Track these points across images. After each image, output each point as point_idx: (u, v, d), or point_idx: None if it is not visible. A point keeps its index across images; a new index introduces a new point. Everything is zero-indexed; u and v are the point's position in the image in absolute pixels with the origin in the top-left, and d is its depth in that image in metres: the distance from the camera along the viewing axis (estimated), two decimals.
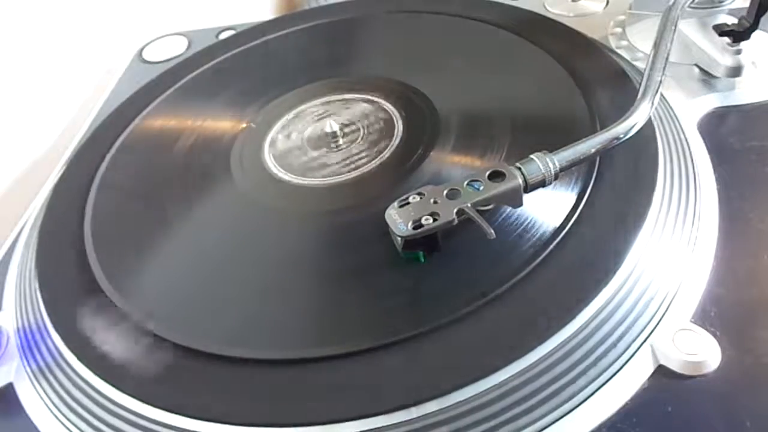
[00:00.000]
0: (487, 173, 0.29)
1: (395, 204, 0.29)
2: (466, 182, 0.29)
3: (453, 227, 0.28)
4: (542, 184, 0.29)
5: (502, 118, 0.37)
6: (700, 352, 0.26)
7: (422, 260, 0.30)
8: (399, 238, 0.29)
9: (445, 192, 0.29)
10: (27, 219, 0.42)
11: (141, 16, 0.62)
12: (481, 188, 0.29)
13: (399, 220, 0.28)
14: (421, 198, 0.29)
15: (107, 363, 0.29)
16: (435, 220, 0.28)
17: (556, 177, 0.29)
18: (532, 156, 0.29)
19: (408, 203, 0.29)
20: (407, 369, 0.26)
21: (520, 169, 0.29)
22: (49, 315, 0.32)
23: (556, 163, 0.29)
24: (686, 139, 0.35)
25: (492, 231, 0.27)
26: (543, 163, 0.29)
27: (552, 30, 0.44)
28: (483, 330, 0.27)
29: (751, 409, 0.25)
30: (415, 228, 0.28)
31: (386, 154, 0.37)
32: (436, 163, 0.35)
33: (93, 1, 0.58)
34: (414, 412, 0.25)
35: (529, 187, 0.29)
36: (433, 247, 0.29)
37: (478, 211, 0.28)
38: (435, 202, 0.29)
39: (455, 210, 0.28)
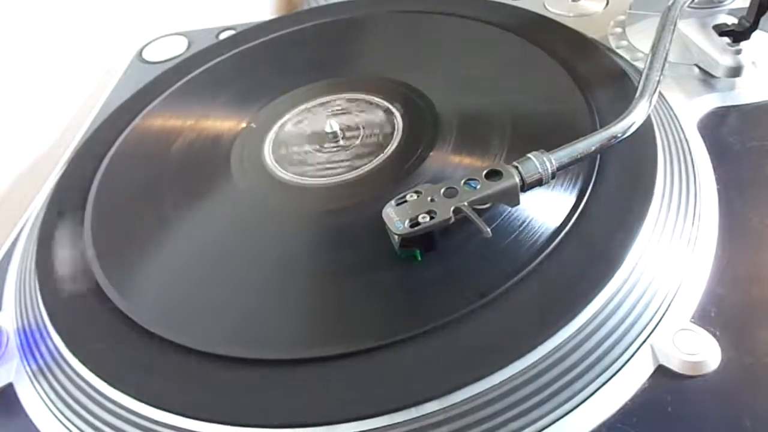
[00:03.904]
0: (485, 172, 0.29)
1: (392, 202, 0.29)
2: (463, 181, 0.29)
3: (452, 227, 0.28)
4: (539, 183, 0.29)
5: (502, 117, 0.37)
6: (700, 352, 0.26)
7: (419, 258, 0.30)
8: (396, 237, 0.29)
9: (442, 190, 0.29)
10: (27, 219, 0.42)
11: (141, 16, 0.62)
12: (478, 187, 0.29)
13: (396, 218, 0.28)
14: (418, 196, 0.29)
15: (107, 363, 0.29)
16: (432, 218, 0.28)
17: (553, 176, 0.29)
18: (529, 155, 0.29)
19: (405, 201, 0.29)
20: (407, 369, 0.26)
21: (517, 167, 0.29)
22: (49, 315, 0.32)
23: (553, 162, 0.29)
24: (686, 139, 0.35)
25: (488, 230, 0.27)
26: (540, 161, 0.29)
27: (552, 30, 0.44)
28: (483, 330, 0.27)
29: (751, 409, 0.25)
30: (412, 226, 0.28)
31: (386, 153, 0.37)
32: (436, 163, 0.35)
33: (93, 1, 0.58)
34: (414, 412, 0.25)
35: (526, 186, 0.29)
36: (430, 246, 0.29)
37: (475, 209, 0.28)
38: (432, 201, 0.29)
39: (452, 208, 0.28)
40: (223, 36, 0.55)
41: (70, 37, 0.55)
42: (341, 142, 0.38)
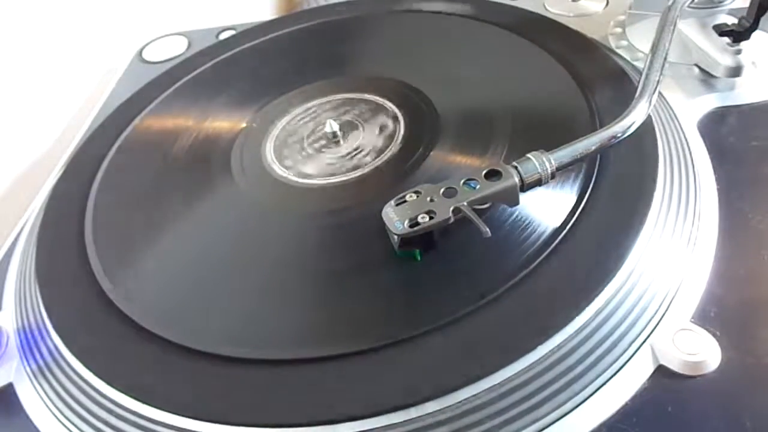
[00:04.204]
0: (484, 172, 0.29)
1: (392, 202, 0.29)
2: (462, 181, 0.29)
3: (453, 227, 0.28)
4: (539, 183, 0.29)
5: (503, 118, 0.37)
6: (700, 352, 0.26)
7: (418, 258, 0.30)
8: (395, 237, 0.29)
9: (441, 190, 0.29)
10: (27, 219, 0.42)
11: (141, 16, 0.62)
12: (478, 187, 0.29)
13: (395, 218, 0.28)
14: (417, 196, 0.29)
15: (107, 363, 0.29)
16: (431, 218, 0.28)
17: (552, 176, 0.29)
18: (528, 155, 0.29)
19: (405, 201, 0.29)
20: (407, 369, 0.26)
21: (516, 168, 0.29)
22: (49, 315, 0.32)
23: (553, 162, 0.29)
24: (686, 139, 0.35)
25: (488, 229, 0.27)
26: (539, 162, 0.29)
27: (552, 30, 0.44)
28: (483, 330, 0.27)
29: (751, 409, 0.25)
30: (411, 226, 0.28)
31: (386, 154, 0.37)
32: (436, 163, 0.35)
33: (93, 1, 0.58)
34: (414, 412, 0.25)
35: (525, 186, 0.29)
36: (430, 246, 0.29)
37: (474, 209, 0.28)
38: (431, 201, 0.29)
39: (451, 208, 0.28)
40: (223, 36, 0.55)
41: (70, 37, 0.55)
42: (341, 142, 0.38)
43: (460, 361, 0.26)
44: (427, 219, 0.28)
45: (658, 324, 0.27)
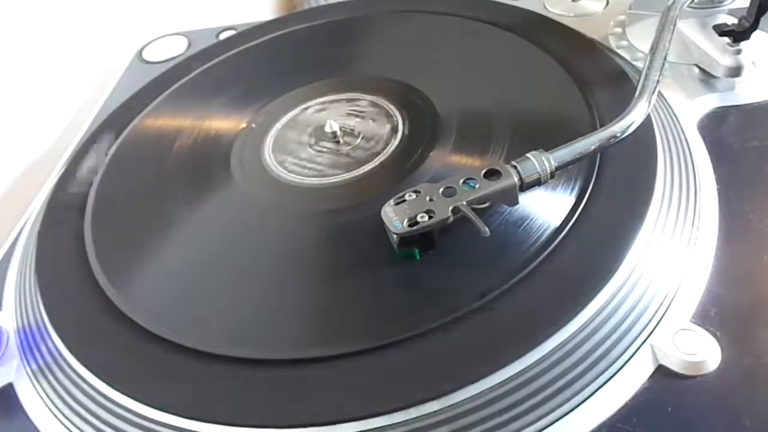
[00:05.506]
0: (483, 171, 0.29)
1: (391, 201, 0.29)
2: (462, 180, 0.29)
3: (453, 227, 0.28)
4: (538, 182, 0.29)
5: (502, 118, 0.37)
6: (700, 352, 0.26)
7: (417, 258, 0.30)
8: (395, 236, 0.29)
9: (441, 190, 0.29)
10: (27, 219, 0.42)
11: (141, 16, 0.62)
12: (477, 186, 0.29)
13: (395, 218, 0.28)
14: (417, 195, 0.29)
15: (107, 363, 0.29)
16: (430, 217, 0.28)
17: (551, 176, 0.29)
18: (528, 154, 0.29)
19: (404, 200, 0.29)
20: (407, 369, 0.26)
21: (515, 167, 0.29)
22: (49, 315, 0.32)
23: (552, 162, 0.29)
24: (686, 139, 0.35)
25: (486, 229, 0.27)
26: (539, 161, 0.29)
27: (552, 30, 0.44)
28: (483, 330, 0.27)
29: (751, 409, 0.25)
30: (410, 225, 0.28)
31: (386, 153, 0.37)
32: (436, 163, 0.35)
33: (93, 1, 0.58)
34: (414, 412, 0.25)
35: (524, 186, 0.29)
36: (429, 245, 0.29)
37: (474, 209, 0.28)
38: (431, 200, 0.29)
39: (451, 208, 0.28)
40: (223, 36, 0.55)
41: (70, 37, 0.56)
42: (341, 142, 0.38)
43: (460, 361, 0.26)
44: (427, 218, 0.28)
45: (658, 324, 0.27)
